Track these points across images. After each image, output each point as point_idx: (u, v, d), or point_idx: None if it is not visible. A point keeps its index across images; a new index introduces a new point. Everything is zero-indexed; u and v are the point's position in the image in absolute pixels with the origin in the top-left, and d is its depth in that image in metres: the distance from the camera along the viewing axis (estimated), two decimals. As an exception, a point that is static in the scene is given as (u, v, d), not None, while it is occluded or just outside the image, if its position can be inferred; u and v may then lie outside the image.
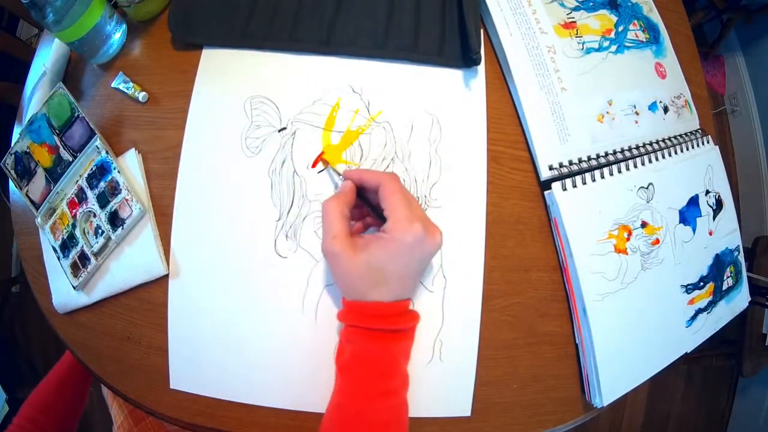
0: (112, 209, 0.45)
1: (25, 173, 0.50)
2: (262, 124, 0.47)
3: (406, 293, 0.39)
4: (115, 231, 0.45)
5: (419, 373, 0.43)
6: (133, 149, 0.47)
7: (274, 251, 0.44)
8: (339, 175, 0.44)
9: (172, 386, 0.44)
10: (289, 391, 0.43)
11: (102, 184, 0.46)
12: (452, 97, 0.48)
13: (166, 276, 0.45)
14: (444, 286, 0.44)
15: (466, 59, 0.48)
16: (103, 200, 0.46)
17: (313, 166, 0.46)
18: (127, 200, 0.45)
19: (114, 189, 0.45)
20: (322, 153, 0.46)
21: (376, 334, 0.37)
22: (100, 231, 0.45)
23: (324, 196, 0.45)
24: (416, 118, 0.47)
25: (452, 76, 0.49)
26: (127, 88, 0.49)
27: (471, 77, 0.49)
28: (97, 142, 0.46)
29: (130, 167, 0.47)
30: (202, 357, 0.44)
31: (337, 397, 0.37)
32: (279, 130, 0.46)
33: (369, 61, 0.49)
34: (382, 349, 0.37)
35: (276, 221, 0.45)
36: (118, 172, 0.45)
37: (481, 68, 0.49)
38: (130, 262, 0.45)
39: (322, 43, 0.48)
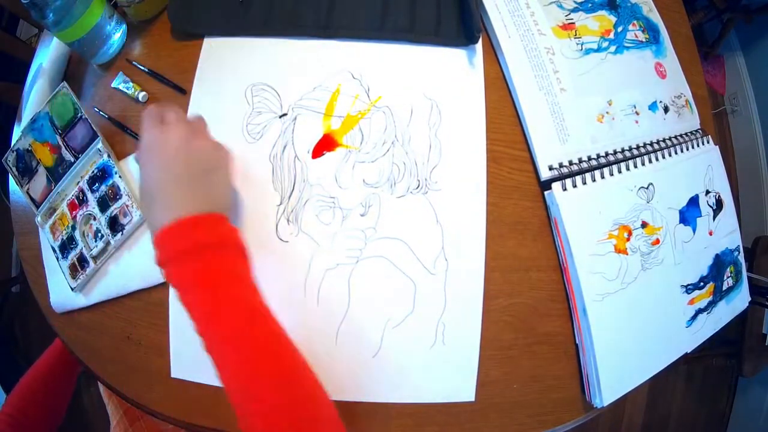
0: (113, 214, 0.45)
1: (26, 171, 0.50)
2: (263, 110, 0.47)
3: (198, 204, 0.34)
4: (115, 236, 0.45)
5: (422, 357, 0.43)
6: (135, 153, 0.47)
7: (275, 235, 0.45)
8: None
9: (173, 375, 0.44)
10: None
11: (103, 188, 0.46)
12: (451, 81, 0.49)
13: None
14: (446, 268, 0.44)
15: (462, 38, 0.49)
16: (103, 204, 0.46)
17: (314, 156, 0.46)
18: (127, 206, 0.45)
19: (115, 194, 0.45)
20: (322, 140, 0.46)
21: (211, 252, 0.33)
22: (99, 235, 0.45)
23: (326, 180, 0.46)
24: (416, 103, 0.48)
25: (450, 60, 0.49)
26: (127, 88, 0.49)
27: (468, 61, 0.49)
28: (99, 144, 0.46)
29: (132, 171, 0.47)
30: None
31: (225, 370, 0.32)
32: (280, 116, 0.47)
33: (368, 46, 0.49)
34: (226, 267, 0.33)
35: (277, 206, 0.45)
36: (120, 176, 0.45)
37: (480, 68, 0.50)
38: (129, 269, 0.45)
39: (320, 28, 0.49)
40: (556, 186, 0.45)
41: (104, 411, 0.64)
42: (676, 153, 0.51)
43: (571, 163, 0.47)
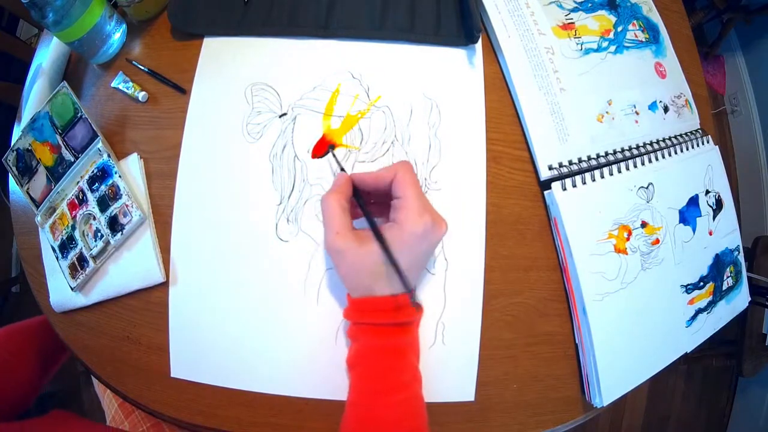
0: (112, 214, 0.45)
1: (26, 170, 0.50)
2: (263, 110, 0.47)
3: (411, 285, 0.39)
4: (114, 236, 0.45)
5: (422, 357, 0.43)
6: (136, 154, 0.47)
7: (275, 235, 0.45)
8: (341, 167, 0.44)
9: (173, 375, 0.44)
10: (291, 377, 0.43)
11: (103, 188, 0.46)
12: (451, 80, 0.49)
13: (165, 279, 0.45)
14: (446, 268, 0.45)
15: (462, 37, 0.49)
16: (103, 204, 0.46)
17: (313, 156, 0.46)
18: (127, 206, 0.45)
19: (115, 194, 0.45)
20: (321, 140, 0.46)
21: (381, 330, 0.37)
22: (99, 234, 0.45)
23: (325, 180, 0.46)
24: (415, 103, 0.48)
25: (450, 60, 0.49)
26: (127, 88, 0.49)
27: (468, 61, 0.50)
28: (99, 144, 0.46)
29: (131, 171, 0.47)
30: (204, 344, 0.44)
31: (349, 395, 0.38)
32: (280, 116, 0.47)
33: (368, 46, 0.49)
34: (389, 344, 0.37)
35: (277, 205, 0.45)
36: (120, 176, 0.45)
37: (480, 68, 0.50)
38: (129, 268, 0.45)
39: (320, 28, 0.49)
40: (556, 186, 0.45)
41: (101, 407, 0.64)
42: (675, 153, 0.51)
43: (570, 162, 0.47)
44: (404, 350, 0.38)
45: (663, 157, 0.50)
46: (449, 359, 0.43)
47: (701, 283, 0.51)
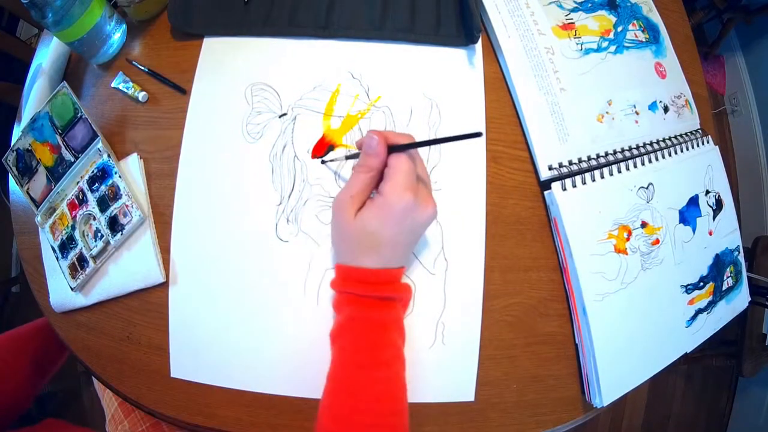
0: (112, 214, 0.45)
1: (26, 171, 0.50)
2: (263, 110, 0.47)
3: (396, 261, 0.38)
4: (114, 236, 0.45)
5: (422, 357, 0.43)
6: (136, 154, 0.47)
7: (275, 236, 0.45)
8: (346, 158, 0.45)
9: (173, 375, 0.44)
10: (291, 376, 0.43)
11: (103, 188, 0.46)
12: (450, 81, 0.49)
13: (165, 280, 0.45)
14: (445, 268, 0.45)
15: (462, 37, 0.49)
16: (103, 204, 0.46)
17: (313, 156, 0.46)
18: (127, 206, 0.45)
19: (115, 194, 0.45)
20: (321, 141, 0.46)
21: (365, 301, 0.37)
22: (99, 235, 0.45)
23: (325, 180, 0.46)
24: (415, 103, 0.48)
25: (450, 60, 0.49)
26: (127, 88, 0.49)
27: (468, 61, 0.50)
28: (99, 144, 0.46)
29: (131, 172, 0.47)
30: (204, 344, 0.44)
31: (330, 369, 0.37)
32: (280, 116, 0.47)
33: (368, 46, 0.49)
34: (371, 317, 0.37)
35: (277, 205, 0.45)
36: (120, 176, 0.45)
37: (480, 68, 0.50)
38: (129, 268, 0.45)
39: (320, 28, 0.49)
40: (556, 186, 0.45)
41: (101, 406, 0.64)
42: (675, 153, 0.51)
43: (570, 162, 0.47)
44: (387, 326, 0.37)
45: (663, 157, 0.50)
46: (449, 359, 0.43)
47: (701, 283, 0.51)
